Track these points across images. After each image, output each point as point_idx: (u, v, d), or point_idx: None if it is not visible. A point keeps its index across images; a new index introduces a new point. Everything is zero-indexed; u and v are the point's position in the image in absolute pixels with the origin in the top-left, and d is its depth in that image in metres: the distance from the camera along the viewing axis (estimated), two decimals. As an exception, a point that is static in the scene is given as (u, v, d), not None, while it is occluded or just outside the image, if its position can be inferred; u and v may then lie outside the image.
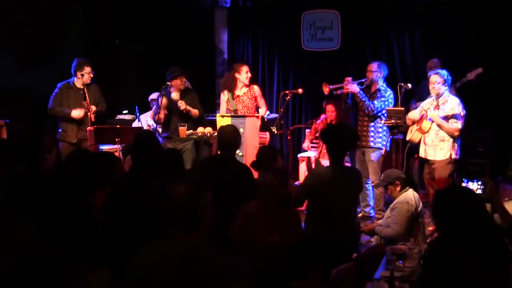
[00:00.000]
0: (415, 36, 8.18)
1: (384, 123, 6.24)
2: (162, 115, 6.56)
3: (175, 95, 6.59)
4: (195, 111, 6.63)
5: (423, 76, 7.57)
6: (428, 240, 3.55)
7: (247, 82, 6.61)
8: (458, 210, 2.71)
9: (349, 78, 6.47)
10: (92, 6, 8.53)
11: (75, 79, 6.60)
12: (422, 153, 6.05)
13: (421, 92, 7.15)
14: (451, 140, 5.88)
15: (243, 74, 6.58)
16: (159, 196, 2.48)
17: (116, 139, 6.08)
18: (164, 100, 6.55)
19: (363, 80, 6.44)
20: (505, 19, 7.47)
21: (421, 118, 5.98)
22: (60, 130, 6.62)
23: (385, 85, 6.43)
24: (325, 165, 5.92)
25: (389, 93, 6.36)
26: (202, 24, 8.93)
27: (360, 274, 3.50)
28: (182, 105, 6.51)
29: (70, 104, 6.54)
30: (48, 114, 6.71)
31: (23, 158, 4.06)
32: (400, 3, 8.13)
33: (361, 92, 6.33)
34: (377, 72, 6.40)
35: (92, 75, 6.58)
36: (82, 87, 6.50)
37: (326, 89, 6.54)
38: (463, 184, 6.18)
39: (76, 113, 6.47)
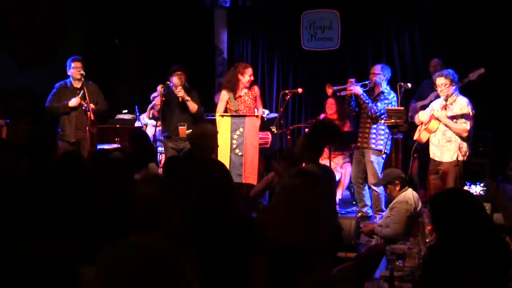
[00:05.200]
0: (415, 36, 8.18)
1: (384, 122, 6.21)
2: (155, 112, 6.70)
3: (176, 80, 6.48)
4: (193, 105, 6.48)
5: (423, 76, 7.58)
6: (427, 240, 3.55)
7: (248, 85, 6.57)
8: (456, 212, 2.70)
9: (353, 80, 6.43)
10: (92, 6, 8.54)
11: (71, 79, 6.61)
12: (431, 154, 5.99)
13: (421, 92, 7.13)
14: (458, 141, 5.72)
15: (246, 77, 6.50)
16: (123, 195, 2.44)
17: (116, 139, 6.09)
18: (158, 101, 6.54)
19: (366, 82, 6.40)
20: (505, 19, 7.47)
21: (430, 118, 5.92)
22: (59, 129, 6.63)
23: (388, 88, 6.38)
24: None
25: (392, 96, 6.31)
26: (202, 24, 8.93)
27: (360, 274, 3.50)
28: (180, 92, 6.42)
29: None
30: (47, 112, 6.70)
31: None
32: (400, 3, 8.14)
33: (365, 94, 6.30)
34: (380, 75, 6.34)
35: (81, 71, 6.51)
36: (80, 85, 6.50)
37: (329, 90, 6.51)
38: (466, 187, 6.13)
39: (73, 101, 6.43)
